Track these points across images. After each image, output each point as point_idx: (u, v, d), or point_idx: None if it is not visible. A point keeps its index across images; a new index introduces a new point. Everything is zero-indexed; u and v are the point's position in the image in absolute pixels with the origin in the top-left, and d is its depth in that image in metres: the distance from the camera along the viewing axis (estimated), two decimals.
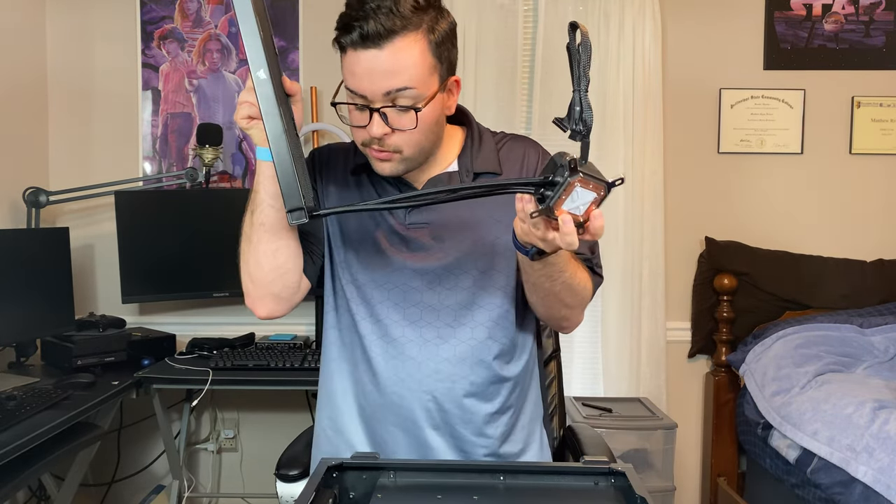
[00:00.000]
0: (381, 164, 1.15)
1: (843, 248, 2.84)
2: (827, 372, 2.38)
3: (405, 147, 1.12)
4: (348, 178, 1.26)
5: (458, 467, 1.05)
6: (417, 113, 1.08)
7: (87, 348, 2.31)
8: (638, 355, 2.77)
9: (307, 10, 2.81)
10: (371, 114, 1.09)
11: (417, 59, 1.07)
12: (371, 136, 1.10)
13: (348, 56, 1.10)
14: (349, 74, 1.11)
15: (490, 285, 1.21)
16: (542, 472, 1.01)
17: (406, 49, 1.06)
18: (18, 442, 1.67)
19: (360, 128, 1.12)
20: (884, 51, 2.86)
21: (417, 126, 1.10)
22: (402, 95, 1.07)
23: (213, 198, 2.68)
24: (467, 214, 1.20)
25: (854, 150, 2.88)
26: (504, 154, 1.25)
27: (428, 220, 1.20)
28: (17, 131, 2.61)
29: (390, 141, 1.11)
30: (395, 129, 1.10)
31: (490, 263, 1.21)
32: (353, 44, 1.08)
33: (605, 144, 2.75)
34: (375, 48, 1.06)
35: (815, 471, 2.08)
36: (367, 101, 1.09)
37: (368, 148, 1.14)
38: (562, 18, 2.76)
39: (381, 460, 1.01)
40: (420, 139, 1.13)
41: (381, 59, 1.06)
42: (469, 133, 1.26)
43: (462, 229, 1.20)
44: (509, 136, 1.29)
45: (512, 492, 0.97)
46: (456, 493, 0.95)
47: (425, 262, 1.20)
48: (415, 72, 1.07)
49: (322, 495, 0.91)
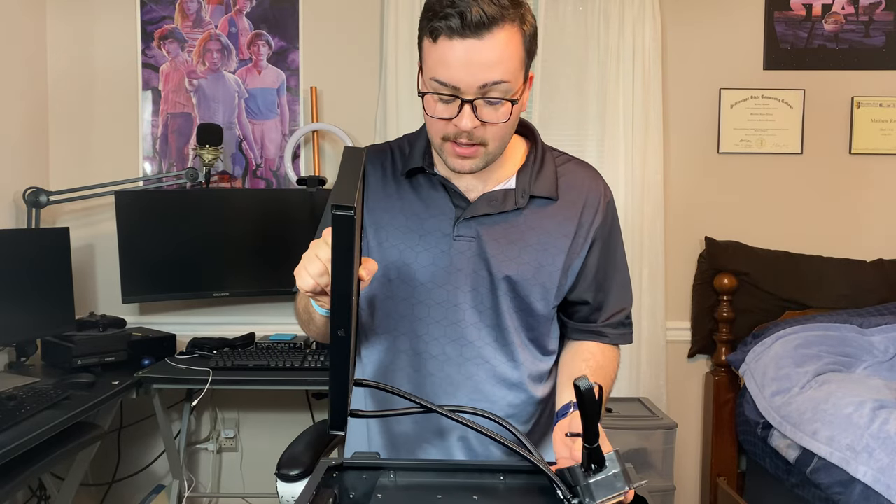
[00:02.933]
0: (462, 161, 1.10)
1: (843, 248, 2.85)
2: (827, 372, 2.38)
3: (491, 140, 1.08)
4: (388, 184, 1.21)
5: (458, 467, 1.04)
6: (514, 105, 1.05)
7: (88, 348, 2.31)
8: (638, 355, 2.77)
9: (307, 10, 2.81)
10: (461, 106, 1.04)
11: (514, 51, 1.03)
12: (460, 129, 1.05)
13: (440, 45, 1.02)
14: (440, 64, 1.03)
15: (527, 308, 1.19)
16: (541, 472, 1.00)
17: (505, 41, 1.02)
18: (19, 442, 1.68)
19: (446, 120, 1.06)
20: (883, 51, 2.87)
21: (509, 120, 1.07)
22: (495, 88, 1.03)
23: (213, 198, 2.68)
24: (516, 236, 1.17)
25: (854, 150, 2.88)
26: (564, 182, 1.21)
27: (475, 233, 1.16)
28: (18, 131, 2.61)
29: (478, 133, 1.06)
30: (485, 122, 1.05)
31: (529, 286, 1.17)
32: (450, 31, 1.00)
33: (605, 145, 2.75)
34: (475, 38, 1.00)
35: (815, 471, 2.08)
36: (458, 92, 1.03)
37: (449, 143, 1.09)
38: (562, 18, 2.76)
39: (381, 460, 1.01)
40: (506, 134, 1.10)
41: (481, 49, 1.01)
42: (533, 149, 1.22)
43: (508, 249, 1.16)
44: (571, 160, 1.25)
45: (512, 491, 0.96)
46: (456, 493, 0.95)
47: (469, 279, 1.17)
48: (510, 65, 1.03)
49: (322, 495, 0.91)
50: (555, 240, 1.17)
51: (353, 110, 2.83)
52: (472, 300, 1.17)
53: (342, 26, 2.82)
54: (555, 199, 1.19)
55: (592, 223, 1.20)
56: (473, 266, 1.16)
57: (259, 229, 2.67)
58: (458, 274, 1.16)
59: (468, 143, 1.07)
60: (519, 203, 1.16)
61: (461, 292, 1.16)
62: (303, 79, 2.81)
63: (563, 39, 2.76)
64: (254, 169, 2.83)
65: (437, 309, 1.17)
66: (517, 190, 1.17)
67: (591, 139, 2.77)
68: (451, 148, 1.09)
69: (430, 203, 1.18)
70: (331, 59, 2.83)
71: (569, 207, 1.19)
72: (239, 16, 2.80)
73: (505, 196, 1.17)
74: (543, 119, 2.77)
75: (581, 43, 2.77)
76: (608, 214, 1.23)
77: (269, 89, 2.82)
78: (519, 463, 1.00)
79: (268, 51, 2.81)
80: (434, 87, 1.05)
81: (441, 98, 1.05)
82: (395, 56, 2.72)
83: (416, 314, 1.18)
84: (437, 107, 1.06)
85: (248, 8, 2.80)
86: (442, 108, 1.06)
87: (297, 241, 2.55)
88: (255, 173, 2.83)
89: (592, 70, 2.77)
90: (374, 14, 2.81)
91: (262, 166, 2.83)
